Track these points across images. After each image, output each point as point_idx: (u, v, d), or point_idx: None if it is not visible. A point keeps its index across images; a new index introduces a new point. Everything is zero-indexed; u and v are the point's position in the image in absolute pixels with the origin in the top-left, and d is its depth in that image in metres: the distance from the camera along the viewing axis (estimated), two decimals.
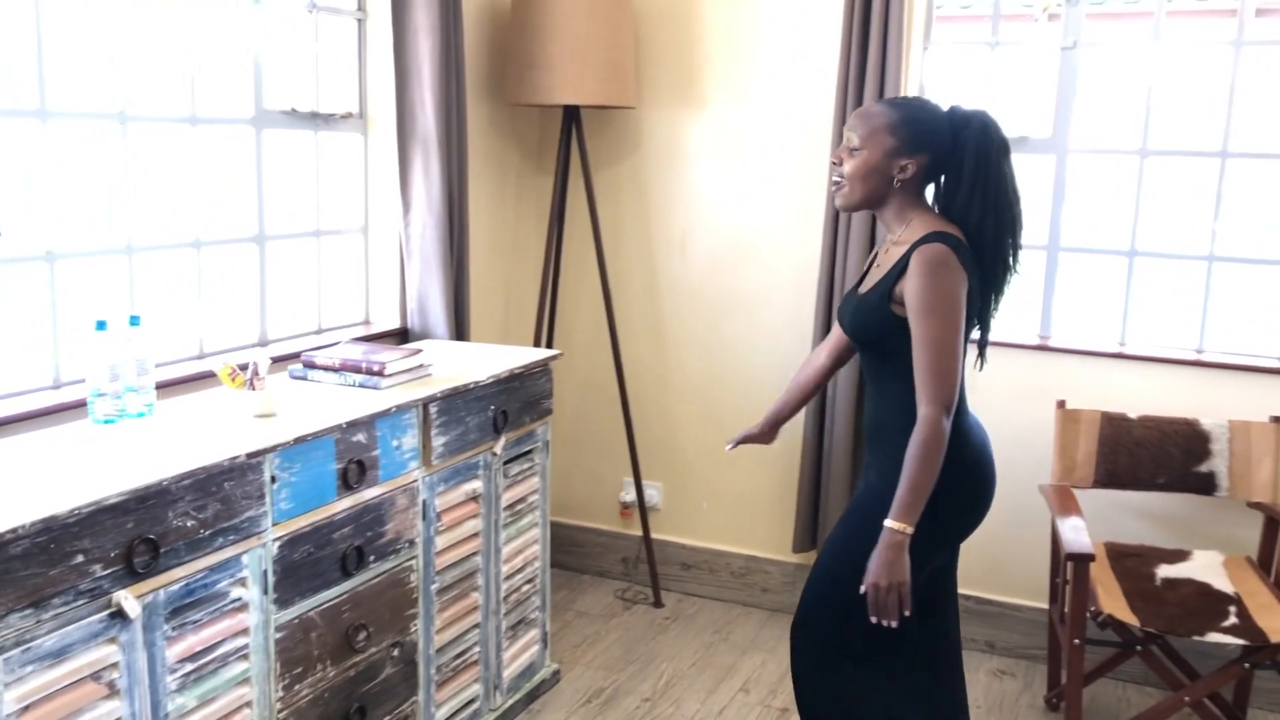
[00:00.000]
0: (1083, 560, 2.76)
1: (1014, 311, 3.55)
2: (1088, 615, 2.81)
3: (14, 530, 1.70)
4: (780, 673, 3.46)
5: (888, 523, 2.12)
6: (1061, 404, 3.25)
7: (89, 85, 2.52)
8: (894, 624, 2.13)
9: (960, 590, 3.67)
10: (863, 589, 2.13)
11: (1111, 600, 2.86)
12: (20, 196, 2.40)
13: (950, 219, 2.25)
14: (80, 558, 1.82)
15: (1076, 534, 2.85)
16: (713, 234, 3.83)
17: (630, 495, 4.06)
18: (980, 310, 2.31)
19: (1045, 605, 3.44)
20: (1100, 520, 3.35)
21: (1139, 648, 2.90)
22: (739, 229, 3.78)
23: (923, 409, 2.13)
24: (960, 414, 2.26)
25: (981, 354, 2.51)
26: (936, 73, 3.54)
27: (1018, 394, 3.45)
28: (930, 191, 2.35)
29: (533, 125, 4.01)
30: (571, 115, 3.68)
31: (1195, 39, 3.33)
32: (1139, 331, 3.43)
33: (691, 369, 3.94)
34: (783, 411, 2.71)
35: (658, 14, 3.79)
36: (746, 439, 2.72)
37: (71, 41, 2.45)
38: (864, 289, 2.33)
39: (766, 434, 2.72)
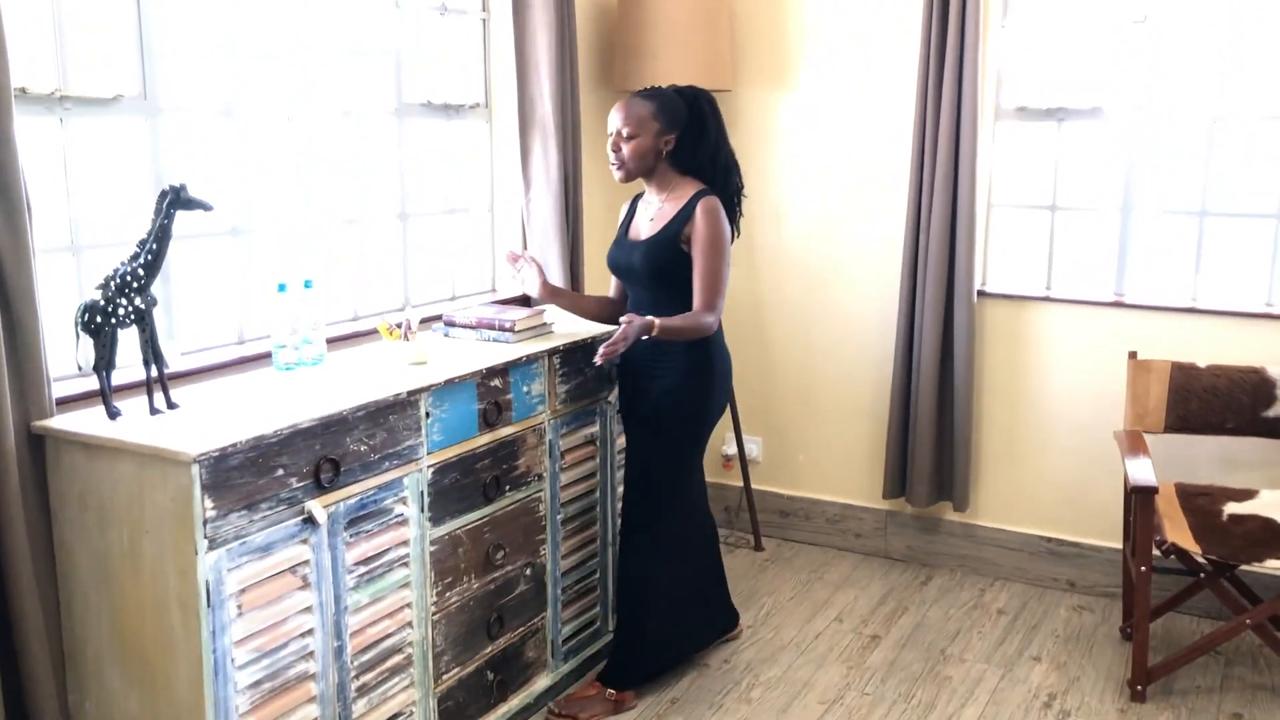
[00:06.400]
0: (1146, 493, 3.02)
1: (1089, 270, 3.78)
2: (1154, 546, 3.06)
3: (234, 444, 2.13)
4: (871, 606, 3.77)
5: (658, 321, 2.82)
6: (1133, 355, 3.49)
7: (263, 88, 2.94)
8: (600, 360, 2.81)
9: (1041, 533, 3.93)
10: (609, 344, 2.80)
11: (1177, 532, 3.10)
12: (211, 181, 2.84)
13: (699, 177, 3.00)
14: (281, 471, 2.24)
15: (1142, 470, 3.10)
16: (806, 206, 4.13)
17: (732, 449, 4.39)
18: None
19: (1121, 545, 3.68)
20: (1173, 464, 3.58)
21: (1202, 575, 3.14)
22: (829, 201, 4.08)
23: (708, 313, 2.92)
24: (720, 330, 3.06)
25: None
26: (1014, 51, 3.78)
27: (1094, 347, 3.70)
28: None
29: None
30: None
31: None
32: (1210, 288, 3.63)
33: (787, 333, 4.25)
34: (571, 303, 3.28)
35: (753, 1, 4.10)
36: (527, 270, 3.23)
37: (247, 50, 2.88)
38: (645, 236, 3.00)
39: (545, 294, 3.22)
